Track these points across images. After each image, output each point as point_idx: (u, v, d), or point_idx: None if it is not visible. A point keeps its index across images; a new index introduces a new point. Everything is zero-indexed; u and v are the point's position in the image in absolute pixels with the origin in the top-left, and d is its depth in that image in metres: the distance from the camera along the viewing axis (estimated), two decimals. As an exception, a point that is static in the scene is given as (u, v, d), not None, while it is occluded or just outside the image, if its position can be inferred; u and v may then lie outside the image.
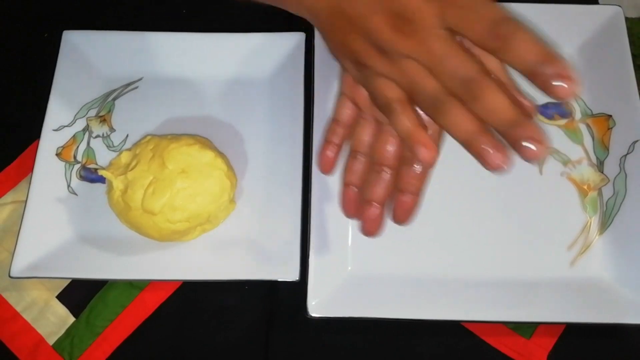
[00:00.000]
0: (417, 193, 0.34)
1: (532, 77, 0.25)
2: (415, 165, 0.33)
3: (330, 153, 0.37)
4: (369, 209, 0.34)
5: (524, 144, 0.25)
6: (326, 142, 0.38)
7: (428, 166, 0.32)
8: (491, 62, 0.29)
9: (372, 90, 0.32)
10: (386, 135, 0.34)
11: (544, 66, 0.25)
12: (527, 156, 0.26)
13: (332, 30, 0.32)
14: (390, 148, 0.34)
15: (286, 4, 0.34)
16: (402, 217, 0.34)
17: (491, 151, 0.27)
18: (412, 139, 0.30)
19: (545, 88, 0.25)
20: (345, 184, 0.37)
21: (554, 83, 0.24)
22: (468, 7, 0.27)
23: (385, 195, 0.35)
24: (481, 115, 0.27)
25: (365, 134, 0.36)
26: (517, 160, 0.45)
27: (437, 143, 0.33)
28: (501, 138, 0.27)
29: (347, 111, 0.37)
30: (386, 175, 0.34)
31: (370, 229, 0.35)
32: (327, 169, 0.38)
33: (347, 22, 0.30)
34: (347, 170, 0.37)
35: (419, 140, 0.30)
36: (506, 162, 0.27)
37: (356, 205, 0.36)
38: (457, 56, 0.27)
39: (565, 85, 0.24)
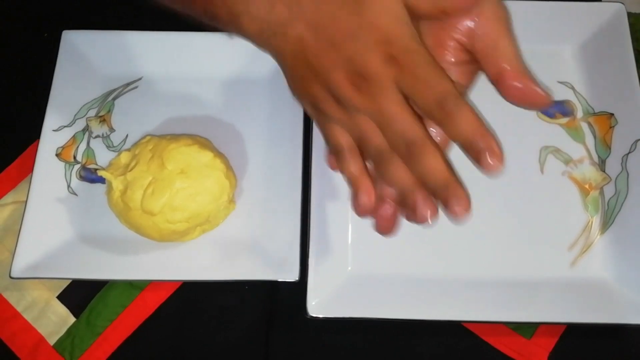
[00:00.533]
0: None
1: (467, 151, 0.29)
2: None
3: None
4: (382, 206, 0.34)
5: (450, 204, 0.29)
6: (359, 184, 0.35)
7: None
8: None
9: (326, 134, 0.34)
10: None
11: (475, 142, 0.28)
12: (451, 215, 0.30)
13: (295, 75, 0.33)
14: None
15: (256, 41, 0.34)
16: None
17: (421, 205, 0.30)
18: (355, 184, 0.33)
19: (478, 161, 0.29)
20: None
21: (481, 158, 0.29)
22: (423, 77, 0.29)
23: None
24: (416, 175, 0.30)
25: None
26: (517, 160, 0.45)
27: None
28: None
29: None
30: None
31: (385, 227, 0.34)
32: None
33: (310, 70, 0.31)
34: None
35: (360, 186, 0.33)
36: (433, 214, 0.31)
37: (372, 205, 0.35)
38: (404, 119, 0.29)
39: (491, 161, 0.29)
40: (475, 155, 0.29)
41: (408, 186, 0.30)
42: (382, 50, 0.29)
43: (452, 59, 0.32)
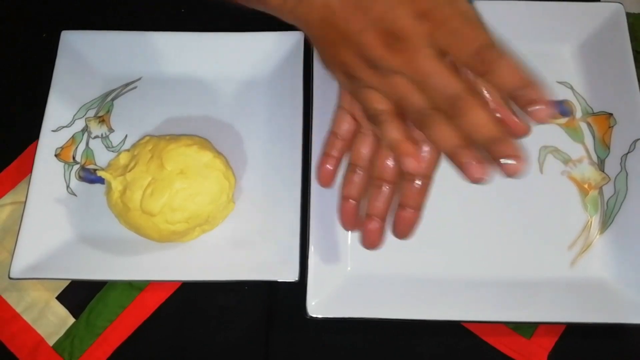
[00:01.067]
0: (418, 208, 0.34)
1: (513, 99, 0.28)
2: (416, 181, 0.33)
3: (329, 166, 0.37)
4: (369, 222, 0.34)
5: (503, 160, 0.27)
6: (325, 155, 0.37)
7: (417, 177, 0.32)
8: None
9: (362, 101, 0.33)
10: (386, 150, 0.34)
11: (523, 91, 0.27)
12: (506, 172, 0.28)
13: (324, 42, 0.32)
14: (390, 163, 0.34)
15: (280, 12, 0.34)
16: (403, 231, 0.34)
17: (472, 164, 0.28)
18: (398, 149, 0.32)
19: (525, 110, 0.28)
20: (344, 197, 0.36)
21: (531, 107, 0.27)
22: (458, 30, 0.28)
23: (385, 209, 0.35)
24: (465, 131, 0.28)
25: (365, 148, 0.36)
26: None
27: (434, 160, 0.33)
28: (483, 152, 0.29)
29: (346, 125, 0.37)
30: (386, 189, 0.34)
31: (370, 242, 0.35)
32: (326, 182, 0.38)
33: (340, 36, 0.30)
34: (345, 183, 0.36)
35: (405, 151, 0.31)
36: (485, 175, 0.28)
37: (355, 218, 0.36)
38: (443, 74, 0.28)
39: (542, 109, 0.27)
40: (524, 103, 0.27)
41: (456, 146, 0.29)
42: (412, 7, 0.28)
43: None
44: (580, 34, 0.49)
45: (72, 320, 0.43)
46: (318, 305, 0.40)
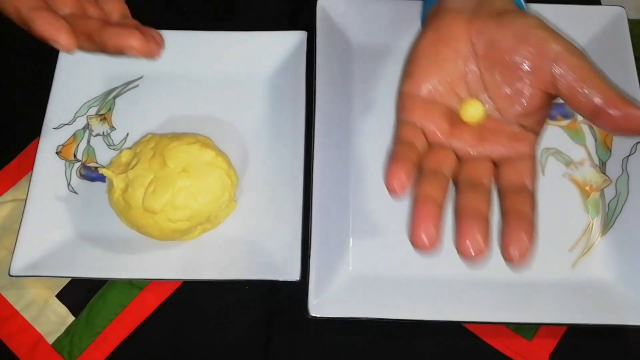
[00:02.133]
0: (532, 220, 0.29)
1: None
2: (528, 190, 0.30)
3: (405, 171, 0.29)
4: (473, 222, 0.28)
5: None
6: (397, 158, 0.30)
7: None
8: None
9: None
10: (476, 164, 0.32)
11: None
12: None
13: None
14: (486, 172, 0.31)
15: None
16: (522, 250, 0.29)
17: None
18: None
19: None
20: (423, 199, 0.29)
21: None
22: None
23: (489, 210, 0.29)
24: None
25: (449, 160, 0.32)
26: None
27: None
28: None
29: (420, 140, 0.32)
30: (486, 194, 0.30)
31: (477, 250, 0.28)
32: (401, 188, 0.29)
33: None
34: (424, 183, 0.30)
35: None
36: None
37: (437, 232, 0.29)
38: None
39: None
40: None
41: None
42: None
43: (523, 109, 0.32)
44: (582, 37, 0.49)
45: (71, 318, 0.43)
46: (319, 305, 0.40)
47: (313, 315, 0.40)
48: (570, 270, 0.43)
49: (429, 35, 0.34)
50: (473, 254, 0.28)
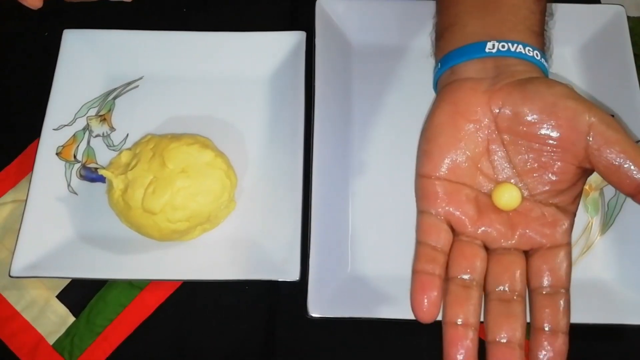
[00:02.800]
0: (566, 332, 0.27)
1: None
2: (561, 291, 0.28)
3: (433, 291, 0.28)
4: (508, 352, 0.27)
5: None
6: (421, 274, 0.29)
7: (559, 287, 0.28)
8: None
9: None
10: (506, 259, 0.29)
11: None
12: None
13: None
14: (518, 273, 0.28)
15: None
16: None
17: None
18: None
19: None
20: (453, 323, 0.28)
21: None
22: None
23: (523, 333, 0.28)
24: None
25: (476, 258, 0.29)
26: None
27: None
28: None
29: (443, 234, 0.30)
30: (520, 306, 0.28)
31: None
32: (431, 314, 0.28)
33: None
34: (454, 303, 0.28)
35: None
36: None
37: (473, 351, 0.28)
38: None
39: None
40: None
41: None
42: None
43: (557, 187, 0.29)
44: (582, 36, 0.49)
45: (72, 319, 0.43)
46: (319, 305, 0.40)
47: (312, 315, 0.40)
48: (570, 270, 0.43)
49: (445, 108, 0.31)
50: None
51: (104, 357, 0.42)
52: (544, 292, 0.28)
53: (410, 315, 0.40)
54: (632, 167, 0.27)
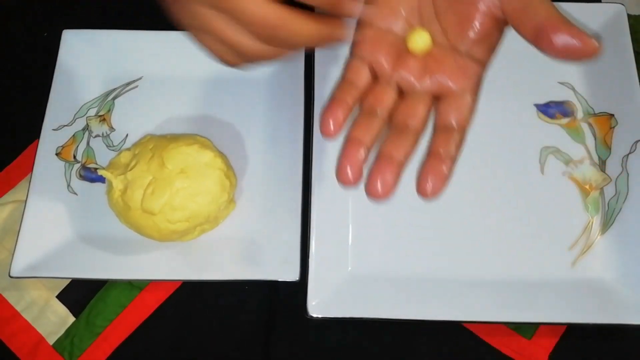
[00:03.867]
0: (452, 160, 0.31)
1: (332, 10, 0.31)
2: (454, 134, 0.31)
3: (340, 112, 0.31)
4: (385, 164, 0.30)
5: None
6: (335, 100, 0.32)
7: (455, 130, 0.31)
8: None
9: (201, 46, 0.34)
10: (414, 101, 0.32)
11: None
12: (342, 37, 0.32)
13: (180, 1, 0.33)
14: (422, 112, 0.32)
15: None
16: (435, 186, 0.30)
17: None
18: None
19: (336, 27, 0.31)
20: (354, 141, 0.31)
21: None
22: None
23: (408, 157, 0.31)
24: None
25: (387, 97, 0.32)
26: (518, 160, 0.45)
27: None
28: None
29: (364, 75, 0.33)
30: (412, 138, 0.31)
31: (385, 189, 0.30)
32: (332, 131, 0.31)
33: None
34: (358, 126, 0.31)
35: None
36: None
37: (361, 169, 0.31)
38: (254, 10, 0.29)
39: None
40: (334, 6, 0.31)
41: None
42: None
43: (474, 35, 0.31)
44: (582, 34, 0.49)
45: (72, 319, 0.43)
46: (318, 305, 0.40)
47: (312, 315, 0.40)
48: (570, 269, 0.43)
49: None
50: (380, 193, 0.30)
51: (104, 357, 0.42)
52: (445, 127, 0.31)
53: (410, 316, 0.40)
54: (534, 13, 0.29)
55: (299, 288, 0.41)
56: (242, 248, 0.43)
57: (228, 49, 0.33)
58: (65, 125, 0.47)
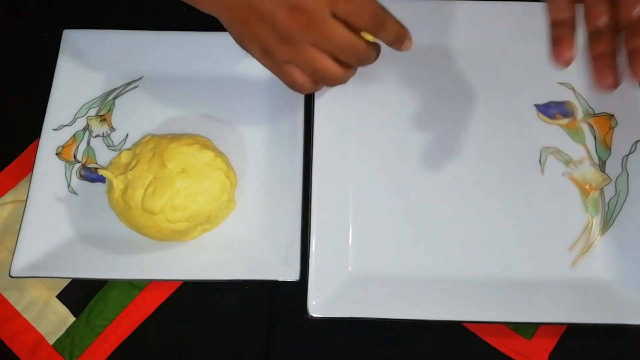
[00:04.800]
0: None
1: (393, 42, 0.38)
2: None
3: (568, 52, 0.35)
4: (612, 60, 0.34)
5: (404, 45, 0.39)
6: (559, 41, 0.36)
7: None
8: None
9: (283, 77, 0.39)
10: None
11: (402, 34, 0.38)
12: (406, 47, 0.39)
13: (243, 23, 0.37)
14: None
15: (200, 3, 0.39)
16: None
17: None
18: None
19: (400, 45, 0.38)
20: (599, 56, 0.34)
21: (405, 41, 0.38)
22: (353, 1, 0.35)
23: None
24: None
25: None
26: (518, 160, 0.45)
27: None
28: None
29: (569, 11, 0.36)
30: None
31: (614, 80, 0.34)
32: (570, 57, 0.36)
33: (255, 15, 0.35)
34: (595, 41, 0.35)
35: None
36: None
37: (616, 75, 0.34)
38: (347, 35, 0.36)
39: (407, 43, 0.39)
40: (399, 42, 0.38)
41: None
42: None
43: None
44: (581, 35, 0.49)
45: (72, 319, 0.43)
46: (319, 305, 0.40)
47: (312, 315, 0.40)
48: (570, 269, 0.43)
49: None
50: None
51: (104, 357, 0.42)
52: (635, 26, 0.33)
53: (410, 316, 0.40)
54: None
55: (299, 288, 0.41)
56: (242, 248, 0.43)
57: (312, 75, 0.38)
58: (65, 125, 0.47)
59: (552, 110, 0.48)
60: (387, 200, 0.45)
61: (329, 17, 0.35)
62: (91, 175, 0.46)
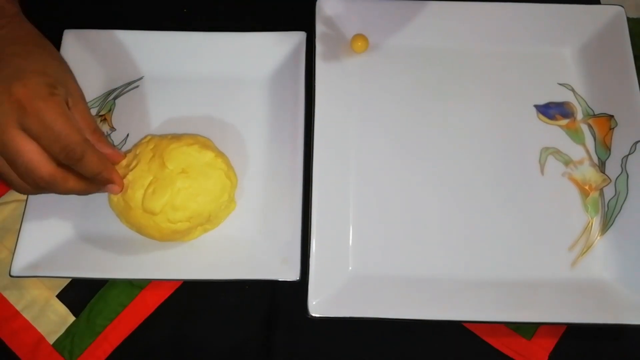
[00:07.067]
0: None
1: (95, 180, 0.39)
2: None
3: None
4: None
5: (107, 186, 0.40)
6: None
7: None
8: None
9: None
10: None
11: (100, 174, 0.39)
12: (110, 191, 0.41)
13: None
14: None
15: None
16: None
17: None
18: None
19: (104, 187, 0.40)
20: None
21: (107, 185, 0.40)
22: (49, 125, 0.35)
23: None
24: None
25: None
26: (518, 161, 0.46)
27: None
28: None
29: None
30: None
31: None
32: None
33: None
34: None
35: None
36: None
37: None
38: (26, 147, 0.35)
39: (114, 186, 0.40)
40: (102, 182, 0.39)
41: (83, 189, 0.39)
42: (8, 93, 0.35)
43: None
44: (581, 36, 0.49)
45: (72, 318, 0.43)
46: (319, 305, 0.40)
47: (313, 315, 0.40)
48: (570, 270, 0.43)
49: None
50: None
51: (104, 357, 0.42)
52: None
53: (410, 315, 0.40)
54: None
55: (299, 288, 0.41)
56: (242, 248, 0.43)
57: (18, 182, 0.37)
58: (66, 125, 0.47)
59: (551, 110, 0.48)
60: (388, 201, 0.45)
61: (15, 129, 0.35)
62: (91, 175, 0.46)
